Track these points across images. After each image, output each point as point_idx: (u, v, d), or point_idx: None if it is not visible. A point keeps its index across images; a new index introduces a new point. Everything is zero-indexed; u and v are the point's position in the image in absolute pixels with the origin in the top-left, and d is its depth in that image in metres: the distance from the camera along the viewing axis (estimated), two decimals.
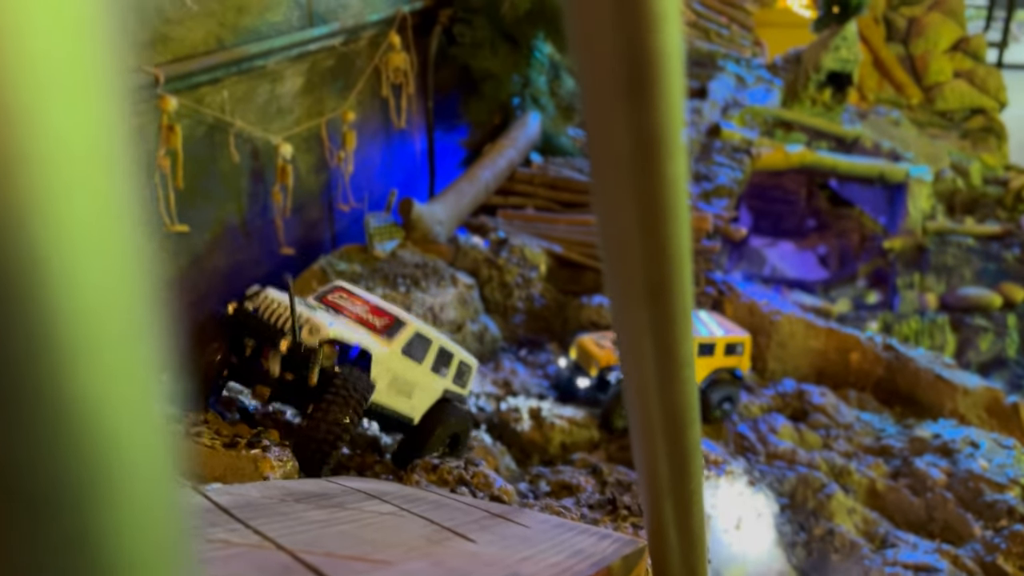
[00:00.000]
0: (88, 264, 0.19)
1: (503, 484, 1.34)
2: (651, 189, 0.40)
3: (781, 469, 2.29)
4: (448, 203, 2.89)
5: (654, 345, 0.49)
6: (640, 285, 0.45)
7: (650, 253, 0.43)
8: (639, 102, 0.36)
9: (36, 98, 0.18)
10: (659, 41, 0.35)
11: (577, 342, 2.32)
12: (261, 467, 1.12)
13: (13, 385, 0.17)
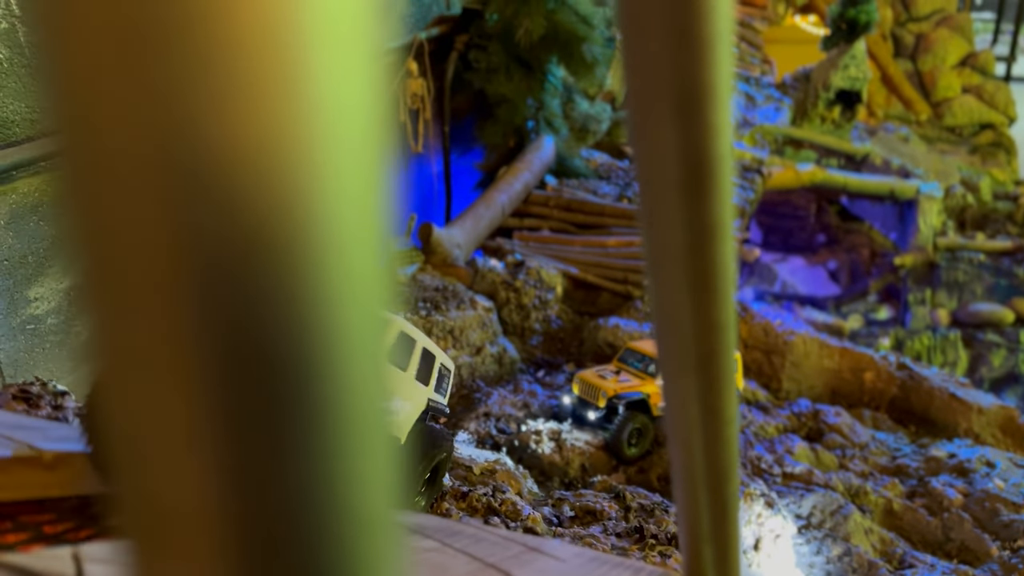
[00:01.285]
0: (352, 263, 0.19)
1: (531, 512, 1.38)
2: (702, 273, 0.44)
3: (798, 490, 2.32)
4: (466, 226, 2.94)
5: (701, 408, 0.53)
6: (690, 356, 0.49)
7: (700, 328, 0.48)
8: (694, 198, 0.41)
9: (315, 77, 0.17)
10: (716, 146, 0.40)
11: (578, 377, 2.34)
12: None
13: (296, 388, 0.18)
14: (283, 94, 0.17)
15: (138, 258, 0.16)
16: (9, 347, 2.00)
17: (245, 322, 0.17)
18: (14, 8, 1.89)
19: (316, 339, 0.17)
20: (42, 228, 2.03)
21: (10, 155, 1.88)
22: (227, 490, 0.17)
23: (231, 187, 0.17)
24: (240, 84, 0.17)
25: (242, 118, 0.17)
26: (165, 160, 0.17)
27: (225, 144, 0.17)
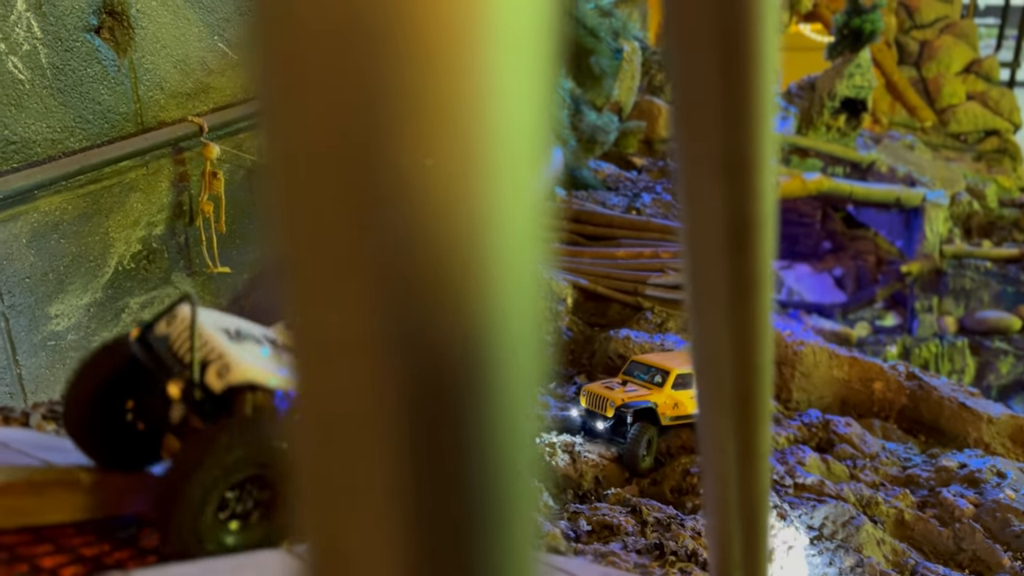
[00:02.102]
0: (515, 273, 0.19)
1: (550, 528, 1.40)
2: (744, 321, 0.47)
3: (810, 501, 2.33)
4: None
5: (737, 445, 0.55)
6: (729, 396, 0.52)
7: (739, 370, 0.50)
8: (739, 255, 0.43)
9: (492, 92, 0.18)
10: (761, 207, 0.42)
11: (585, 390, 2.37)
12: None
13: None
14: (469, 113, 0.18)
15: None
16: (31, 364, 2.03)
17: (435, 369, 0.18)
18: (36, 31, 1.92)
19: (493, 382, 0.18)
20: (62, 246, 2.06)
21: (32, 175, 1.91)
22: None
23: (423, 216, 0.17)
24: (428, 101, 0.17)
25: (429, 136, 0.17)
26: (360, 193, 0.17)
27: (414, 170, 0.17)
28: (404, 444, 0.18)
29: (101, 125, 2.12)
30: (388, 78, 0.17)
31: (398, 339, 0.18)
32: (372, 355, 0.18)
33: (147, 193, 2.30)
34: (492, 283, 0.18)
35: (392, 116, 0.17)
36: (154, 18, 2.24)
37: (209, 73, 2.45)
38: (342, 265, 0.18)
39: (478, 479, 0.19)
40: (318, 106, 0.17)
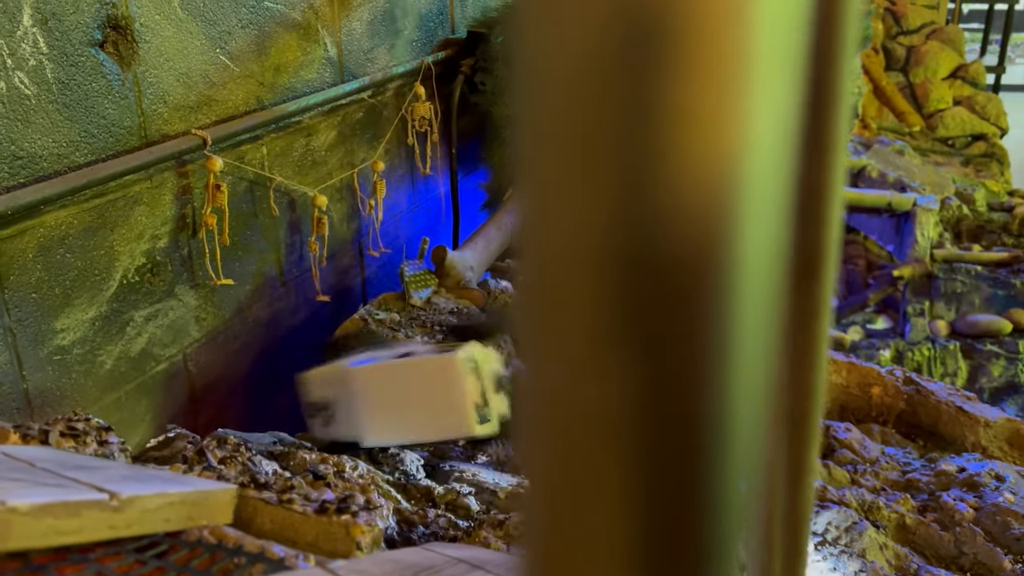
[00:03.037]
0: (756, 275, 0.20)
1: None
2: (805, 346, 0.48)
3: (813, 507, 2.35)
4: (477, 248, 2.98)
5: (788, 462, 0.57)
6: (783, 416, 0.53)
7: (796, 392, 0.51)
8: (805, 282, 0.45)
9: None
10: (829, 238, 0.44)
11: None
12: (352, 532, 1.19)
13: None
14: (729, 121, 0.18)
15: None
16: (37, 378, 2.03)
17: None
18: (42, 46, 1.93)
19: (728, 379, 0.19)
20: (68, 260, 2.06)
21: (40, 190, 1.91)
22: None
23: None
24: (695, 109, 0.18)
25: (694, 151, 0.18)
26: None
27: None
28: (638, 442, 0.19)
29: (106, 139, 2.12)
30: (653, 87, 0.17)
31: (636, 329, 0.18)
32: (606, 344, 0.18)
33: (151, 206, 2.30)
34: (738, 278, 0.19)
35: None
36: (157, 32, 2.25)
37: (211, 86, 2.46)
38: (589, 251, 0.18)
39: (708, 482, 0.20)
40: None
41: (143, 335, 2.33)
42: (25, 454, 1.26)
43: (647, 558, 0.20)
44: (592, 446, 0.19)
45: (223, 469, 1.36)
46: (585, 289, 0.18)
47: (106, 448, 1.43)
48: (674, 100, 0.18)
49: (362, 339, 2.03)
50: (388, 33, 3.31)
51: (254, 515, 1.26)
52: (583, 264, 0.18)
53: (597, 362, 0.18)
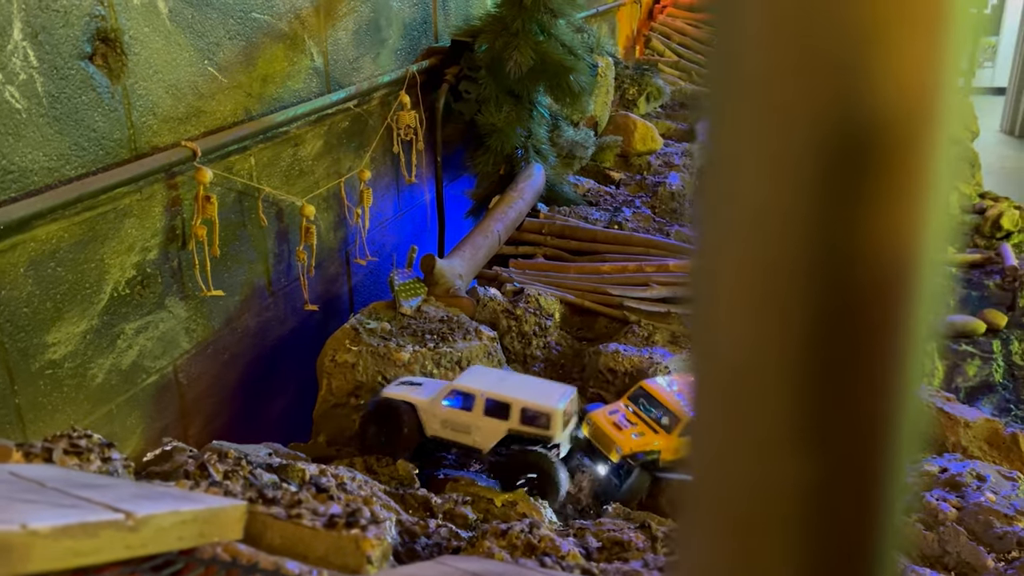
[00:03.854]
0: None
1: (570, 548, 1.43)
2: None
3: None
4: (465, 256, 3.00)
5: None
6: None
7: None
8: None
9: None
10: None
11: (589, 418, 2.29)
12: (363, 547, 1.21)
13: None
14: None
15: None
16: (28, 392, 2.02)
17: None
18: (32, 60, 1.92)
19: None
20: (59, 273, 2.05)
21: (32, 204, 1.90)
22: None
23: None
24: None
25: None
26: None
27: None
28: (813, 535, 0.21)
29: (96, 152, 2.12)
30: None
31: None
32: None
33: (141, 218, 2.30)
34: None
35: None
36: (146, 44, 2.24)
37: (200, 97, 2.46)
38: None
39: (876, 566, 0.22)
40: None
41: (134, 347, 2.32)
42: (33, 473, 1.27)
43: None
44: (766, 535, 0.21)
45: (229, 485, 1.37)
46: (773, 391, 0.20)
47: (110, 465, 1.43)
48: (873, 221, 0.20)
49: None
50: (373, 42, 3.32)
51: (263, 531, 1.27)
52: (774, 372, 0.20)
53: (781, 453, 0.20)
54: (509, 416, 2.01)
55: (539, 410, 2.00)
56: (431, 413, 2.06)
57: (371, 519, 1.29)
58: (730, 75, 0.21)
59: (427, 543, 1.51)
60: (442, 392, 2.09)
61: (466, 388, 2.02)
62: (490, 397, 2.00)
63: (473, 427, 2.04)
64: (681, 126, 5.24)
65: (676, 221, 3.82)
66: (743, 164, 0.21)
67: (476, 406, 2.01)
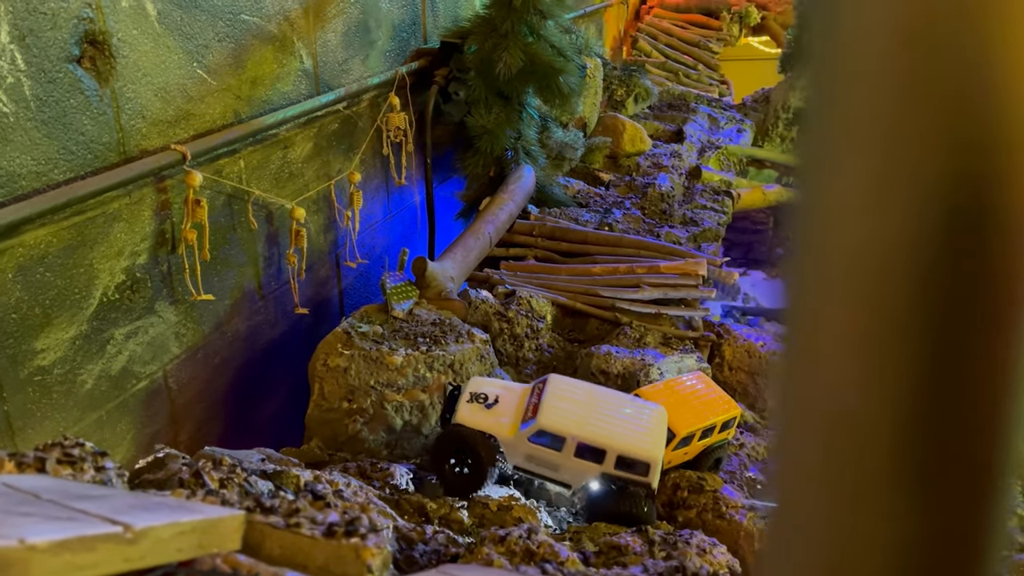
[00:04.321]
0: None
1: (568, 554, 1.43)
2: None
3: None
4: (456, 259, 2.99)
5: None
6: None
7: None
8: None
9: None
10: None
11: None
12: (363, 556, 1.20)
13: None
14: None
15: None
16: (17, 400, 1.99)
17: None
18: (20, 63, 1.90)
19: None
20: (48, 279, 2.03)
21: (21, 209, 1.88)
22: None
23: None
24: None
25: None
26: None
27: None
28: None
29: (85, 156, 2.10)
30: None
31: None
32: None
33: (130, 223, 2.27)
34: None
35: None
36: (135, 46, 2.22)
37: (189, 100, 2.44)
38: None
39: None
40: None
41: (123, 353, 2.30)
42: (27, 484, 1.25)
43: None
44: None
45: (226, 493, 1.36)
46: (878, 440, 0.20)
47: (103, 474, 1.42)
48: (993, 274, 0.19)
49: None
50: (362, 44, 3.31)
51: (262, 540, 1.26)
52: (881, 421, 0.20)
53: (881, 506, 0.20)
54: (604, 461, 1.85)
55: (638, 458, 1.85)
56: (514, 448, 1.90)
57: (370, 527, 1.28)
58: (845, 124, 0.20)
59: (425, 550, 1.50)
60: (528, 431, 1.88)
61: (555, 429, 1.83)
62: (582, 441, 1.83)
63: (562, 467, 1.87)
64: (669, 127, 5.25)
65: (666, 222, 3.82)
66: (857, 212, 0.20)
67: (566, 448, 1.84)
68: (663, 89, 5.86)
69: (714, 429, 2.31)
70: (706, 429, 2.29)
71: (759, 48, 8.25)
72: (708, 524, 2.19)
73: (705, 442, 2.31)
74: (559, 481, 1.96)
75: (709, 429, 2.30)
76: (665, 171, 4.35)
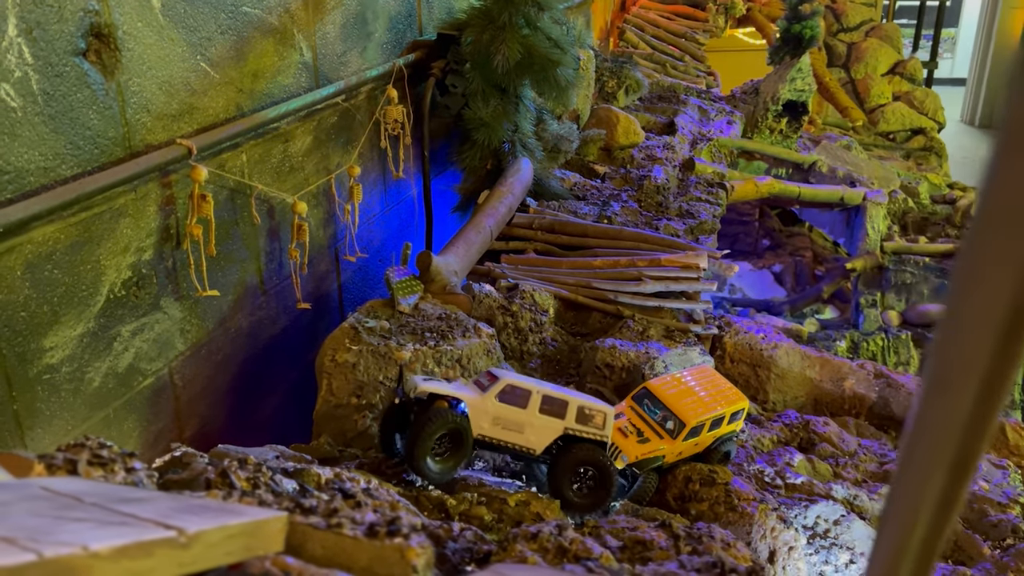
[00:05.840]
0: None
1: (601, 550, 1.43)
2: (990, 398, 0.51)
3: (801, 501, 2.42)
4: (459, 253, 2.98)
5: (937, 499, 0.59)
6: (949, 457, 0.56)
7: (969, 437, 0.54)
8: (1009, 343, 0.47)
9: None
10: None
11: None
12: (407, 556, 1.19)
13: None
14: None
15: None
16: (26, 398, 1.96)
17: None
18: (27, 57, 1.86)
19: None
20: (56, 276, 2.00)
21: (30, 206, 1.85)
22: None
23: None
24: None
25: None
26: None
27: None
28: None
29: (91, 151, 2.06)
30: None
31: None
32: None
33: (136, 218, 2.24)
34: None
35: None
36: (139, 39, 2.19)
37: (193, 93, 2.40)
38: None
39: None
40: None
41: (130, 350, 2.27)
42: (65, 487, 1.24)
43: None
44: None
45: (261, 494, 1.35)
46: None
47: (133, 475, 1.40)
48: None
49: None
50: (360, 36, 3.28)
51: (304, 541, 1.26)
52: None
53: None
54: (566, 415, 1.94)
55: (595, 409, 1.96)
56: (482, 410, 1.88)
57: (412, 526, 1.28)
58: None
59: (455, 547, 1.50)
60: (495, 389, 1.91)
61: (522, 384, 1.90)
62: (547, 395, 1.91)
63: (527, 425, 1.91)
64: (660, 119, 5.26)
65: (663, 215, 3.83)
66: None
67: (532, 403, 1.90)
68: (653, 81, 5.87)
69: (723, 420, 2.33)
70: (715, 420, 2.30)
71: (744, 39, 8.29)
72: (720, 516, 2.21)
73: (715, 433, 2.33)
74: (523, 449, 1.96)
75: (718, 420, 2.31)
76: (659, 163, 4.36)
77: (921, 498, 0.53)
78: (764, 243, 8.24)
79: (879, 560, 0.65)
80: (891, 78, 8.31)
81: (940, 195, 6.54)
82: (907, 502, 0.55)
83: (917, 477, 0.51)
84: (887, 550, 0.63)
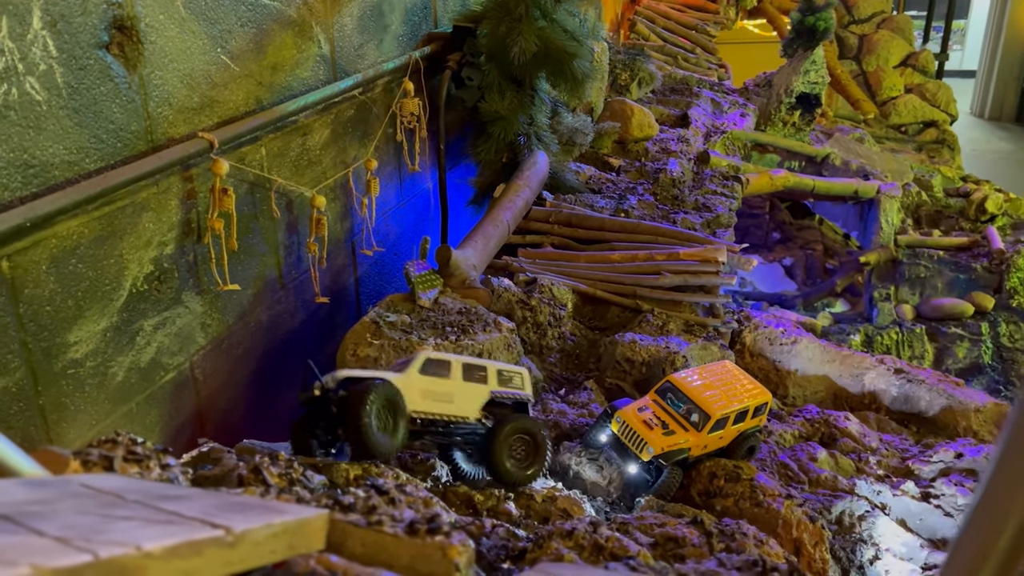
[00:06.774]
0: None
1: (637, 547, 1.42)
2: None
3: (826, 496, 2.41)
4: (477, 247, 2.97)
5: None
6: None
7: None
8: None
9: None
10: None
11: (619, 415, 2.26)
12: (449, 554, 1.18)
13: None
14: None
15: None
16: (51, 392, 1.96)
17: None
18: (51, 50, 1.85)
19: None
20: (80, 270, 1.99)
21: (54, 200, 1.84)
22: None
23: None
24: None
25: None
26: None
27: None
28: None
29: (115, 144, 2.05)
30: None
31: None
32: None
33: (158, 212, 2.23)
34: None
35: None
36: (161, 32, 2.17)
37: (213, 86, 2.39)
38: None
39: None
40: None
41: (152, 344, 2.26)
42: (105, 484, 1.23)
43: None
44: None
45: (299, 491, 1.34)
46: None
47: (168, 472, 1.39)
48: None
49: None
50: (377, 28, 3.26)
51: (344, 539, 1.25)
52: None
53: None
54: (487, 379, 1.95)
55: (513, 371, 2.01)
56: (410, 387, 1.82)
57: (452, 524, 1.27)
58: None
59: (490, 544, 1.49)
60: (416, 364, 1.87)
61: (439, 356, 1.90)
62: (466, 363, 1.93)
63: (455, 394, 1.91)
64: (674, 111, 5.24)
65: (679, 208, 3.81)
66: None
67: (454, 372, 1.89)
68: (666, 73, 5.84)
69: (747, 414, 2.32)
70: (739, 413, 2.29)
71: (755, 31, 8.24)
72: (746, 512, 2.19)
73: (739, 427, 2.31)
74: (457, 419, 1.91)
75: (742, 413, 2.30)
76: (674, 156, 4.34)
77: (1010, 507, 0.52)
78: (774, 236, 8.22)
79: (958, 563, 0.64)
80: (903, 70, 8.26)
81: (954, 188, 6.51)
82: (996, 507, 0.54)
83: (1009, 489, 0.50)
84: (968, 554, 0.62)
